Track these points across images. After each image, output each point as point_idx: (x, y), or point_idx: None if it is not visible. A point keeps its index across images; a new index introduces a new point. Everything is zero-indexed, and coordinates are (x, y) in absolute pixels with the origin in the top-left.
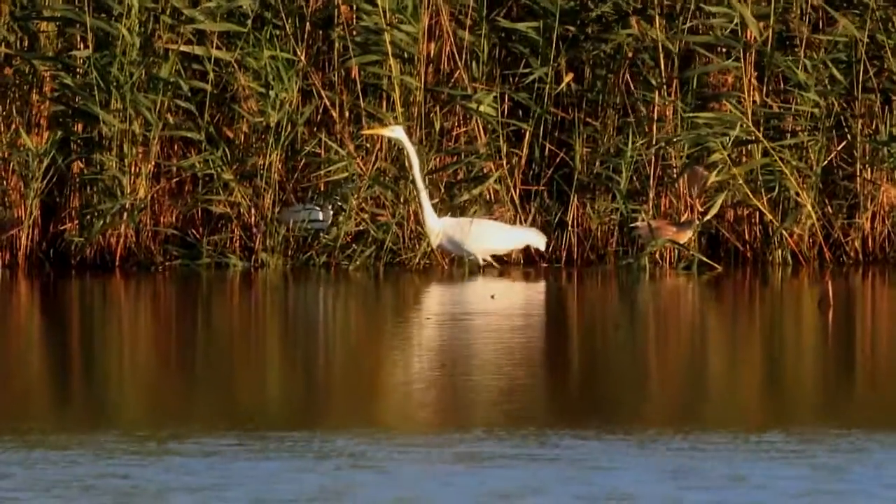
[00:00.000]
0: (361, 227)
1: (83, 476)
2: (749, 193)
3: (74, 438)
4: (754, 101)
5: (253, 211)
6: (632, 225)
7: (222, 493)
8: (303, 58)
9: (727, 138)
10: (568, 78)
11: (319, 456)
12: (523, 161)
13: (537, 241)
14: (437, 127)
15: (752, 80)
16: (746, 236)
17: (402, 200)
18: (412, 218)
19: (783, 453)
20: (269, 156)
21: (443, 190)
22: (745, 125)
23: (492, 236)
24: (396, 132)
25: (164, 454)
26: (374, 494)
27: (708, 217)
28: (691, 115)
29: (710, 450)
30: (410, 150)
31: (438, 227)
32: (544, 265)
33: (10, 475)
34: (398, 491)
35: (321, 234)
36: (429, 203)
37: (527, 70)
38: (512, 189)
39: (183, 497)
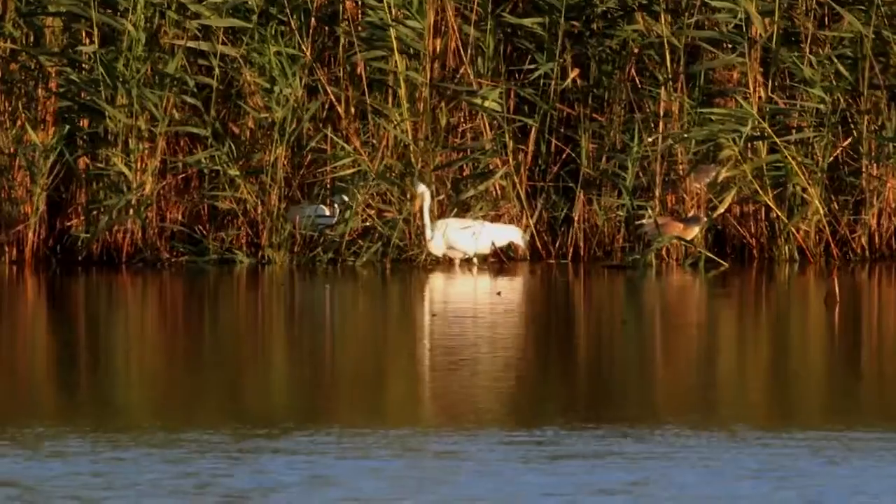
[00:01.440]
0: (368, 224)
1: (167, 477)
2: (759, 189)
3: (133, 438)
4: (760, 98)
5: (259, 207)
6: (638, 222)
7: (318, 490)
8: (308, 53)
9: (738, 135)
10: (574, 74)
11: (414, 451)
12: (529, 157)
13: (518, 237)
14: (443, 123)
15: (758, 76)
16: (753, 232)
17: (408, 197)
18: (418, 214)
19: (871, 450)
20: (275, 152)
21: (449, 186)
22: (756, 122)
23: (475, 235)
24: (422, 190)
25: (247, 453)
26: (476, 489)
27: (717, 214)
28: (704, 110)
29: (793, 446)
30: (426, 196)
31: (438, 244)
32: (551, 261)
33: (100, 474)
34: (502, 485)
35: (327, 231)
36: (428, 222)
37: (532, 66)
38: (518, 185)
39: (280, 496)
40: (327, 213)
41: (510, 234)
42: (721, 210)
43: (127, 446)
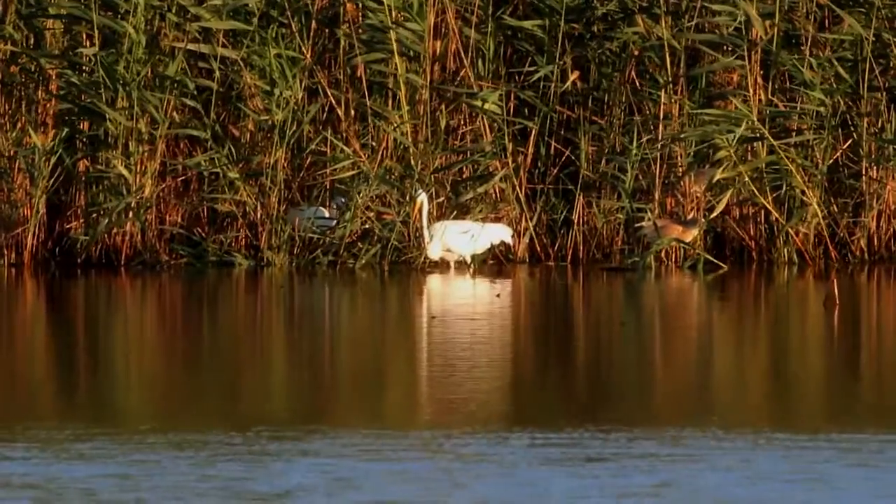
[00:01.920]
0: (367, 226)
1: (190, 480)
2: (755, 191)
3: (146, 441)
4: (760, 100)
5: (258, 209)
6: (637, 225)
7: (343, 494)
8: (308, 56)
9: (733, 135)
10: (574, 76)
11: (435, 453)
12: (529, 159)
13: (508, 236)
14: (443, 125)
15: (758, 78)
16: (752, 234)
17: (407, 199)
18: (417, 217)
19: (871, 451)
20: (275, 154)
21: (448, 188)
22: (751, 122)
23: (473, 238)
24: (420, 196)
25: (266, 456)
26: (503, 492)
27: (714, 214)
28: (697, 111)
29: (805, 447)
30: (426, 206)
31: (435, 248)
32: (550, 263)
33: (126, 476)
34: (529, 488)
35: (328, 233)
36: (426, 231)
37: (532, 68)
38: (517, 187)
39: (304, 499)
40: (327, 214)
41: (500, 234)
42: (718, 211)
43: (142, 449)
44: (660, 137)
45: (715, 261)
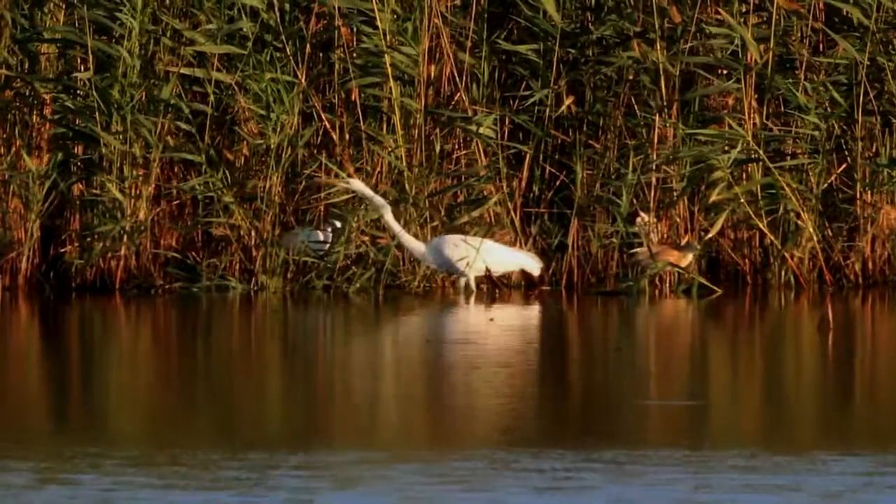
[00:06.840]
0: (361, 250)
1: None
2: (751, 213)
3: (149, 468)
4: (754, 124)
5: (253, 233)
6: (631, 252)
7: None
8: (303, 80)
9: (728, 156)
10: (569, 101)
11: (429, 476)
12: (523, 184)
13: (532, 265)
14: (438, 149)
15: (753, 102)
16: (747, 258)
17: (403, 223)
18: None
19: (876, 474)
20: (270, 178)
21: (443, 212)
22: (746, 143)
23: (488, 256)
24: (353, 184)
25: (264, 477)
26: None
27: (709, 236)
28: (692, 131)
29: (818, 471)
30: (374, 200)
31: (423, 250)
32: (544, 288)
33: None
34: None
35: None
36: (408, 237)
37: (527, 92)
38: (512, 212)
39: None
40: (321, 238)
41: (525, 261)
42: (713, 233)
43: (134, 473)
44: (654, 155)
45: (709, 285)
